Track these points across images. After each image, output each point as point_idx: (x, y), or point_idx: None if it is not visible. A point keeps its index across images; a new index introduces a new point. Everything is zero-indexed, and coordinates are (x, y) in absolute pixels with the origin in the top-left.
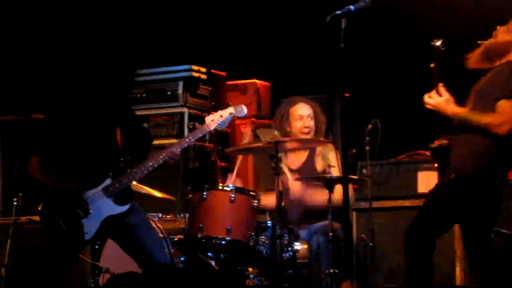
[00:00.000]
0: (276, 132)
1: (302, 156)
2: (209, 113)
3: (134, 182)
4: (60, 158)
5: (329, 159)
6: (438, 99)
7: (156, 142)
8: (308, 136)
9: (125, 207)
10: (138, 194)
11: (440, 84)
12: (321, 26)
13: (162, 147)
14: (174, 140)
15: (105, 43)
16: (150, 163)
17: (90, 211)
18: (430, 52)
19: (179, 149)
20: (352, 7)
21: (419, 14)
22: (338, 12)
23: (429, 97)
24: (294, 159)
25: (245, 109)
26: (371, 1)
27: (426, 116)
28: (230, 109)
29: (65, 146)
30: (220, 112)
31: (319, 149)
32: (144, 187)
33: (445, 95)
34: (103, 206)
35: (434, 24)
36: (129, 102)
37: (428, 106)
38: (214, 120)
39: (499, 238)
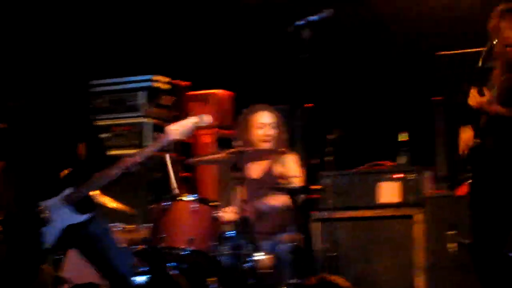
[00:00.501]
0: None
1: (263, 165)
2: (171, 123)
3: (95, 192)
4: (20, 167)
5: (290, 168)
6: (481, 99)
7: (117, 152)
8: (269, 145)
9: (85, 216)
10: (100, 205)
11: (483, 87)
12: (285, 36)
13: (123, 157)
14: (135, 150)
15: (62, 52)
16: (111, 173)
17: (50, 220)
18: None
19: (140, 159)
20: (315, 17)
21: (382, 24)
22: (301, 22)
23: (473, 97)
24: (255, 169)
25: (208, 119)
26: (334, 12)
27: (386, 128)
28: (193, 119)
29: (25, 155)
30: (182, 122)
31: (281, 159)
32: (106, 197)
33: (487, 95)
34: (63, 215)
35: (397, 35)
36: (88, 111)
37: (473, 105)
38: (176, 129)
39: (463, 249)
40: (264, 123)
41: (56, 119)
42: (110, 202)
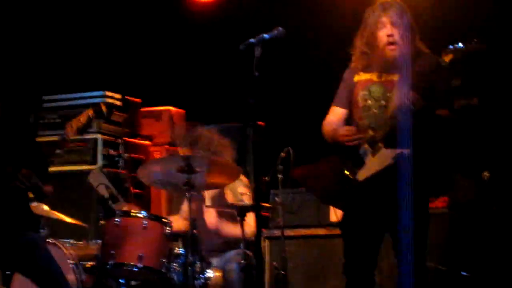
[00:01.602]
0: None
1: (213, 191)
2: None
3: (45, 208)
4: None
5: (238, 192)
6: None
7: (69, 168)
8: None
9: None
10: (49, 220)
11: None
12: (236, 54)
13: (76, 173)
14: (87, 167)
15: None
16: None
17: None
18: None
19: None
20: (266, 36)
21: (333, 42)
22: (252, 40)
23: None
24: (205, 194)
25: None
26: (285, 31)
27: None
28: (89, 112)
29: None
30: (79, 117)
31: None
32: (56, 212)
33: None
34: None
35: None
36: (28, 127)
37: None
38: (73, 126)
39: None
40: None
41: None
42: (61, 217)
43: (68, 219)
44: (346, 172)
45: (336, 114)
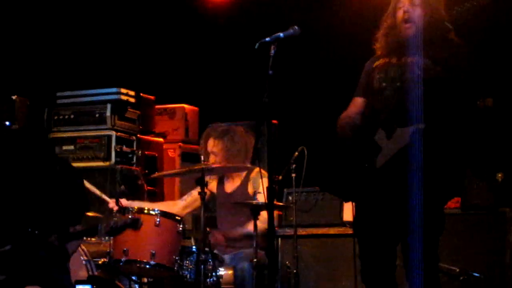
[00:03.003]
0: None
1: (236, 181)
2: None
3: None
4: None
5: (258, 185)
6: None
7: (83, 164)
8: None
9: None
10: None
11: None
12: (251, 52)
13: (89, 169)
14: (101, 163)
15: None
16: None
17: None
18: None
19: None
20: (281, 34)
21: (348, 42)
22: (267, 39)
23: None
24: (229, 184)
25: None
26: (300, 29)
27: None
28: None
29: None
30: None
31: (252, 175)
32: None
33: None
34: None
35: (363, 54)
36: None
37: None
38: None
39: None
40: (209, 151)
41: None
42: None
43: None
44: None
45: (354, 104)
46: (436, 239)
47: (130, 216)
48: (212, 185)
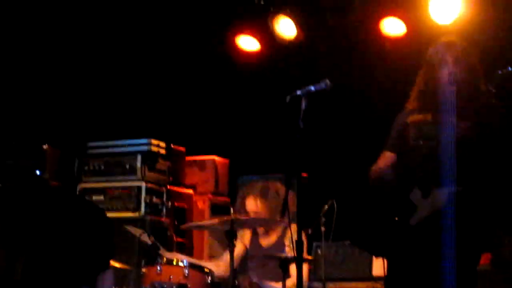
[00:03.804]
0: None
1: (273, 237)
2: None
3: None
4: None
5: (285, 243)
6: None
7: (112, 214)
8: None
9: None
10: None
11: None
12: (281, 105)
13: (119, 220)
14: (131, 214)
15: None
16: None
17: None
18: None
19: None
20: (312, 88)
21: (377, 97)
22: (298, 92)
23: None
24: (265, 240)
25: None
26: (332, 83)
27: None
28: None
29: None
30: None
31: (288, 231)
32: None
33: None
34: None
35: (395, 106)
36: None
37: None
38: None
39: None
40: (247, 210)
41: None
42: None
43: (113, 263)
44: (396, 218)
45: (384, 159)
46: None
47: None
48: (246, 238)
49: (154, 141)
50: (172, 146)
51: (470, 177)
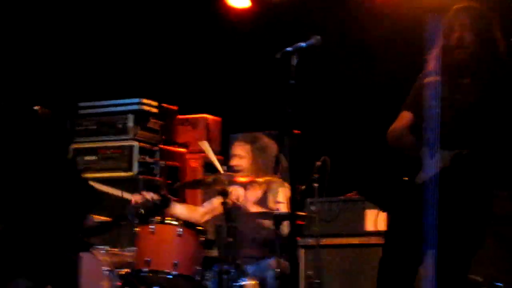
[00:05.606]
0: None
1: (258, 193)
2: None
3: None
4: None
5: (277, 195)
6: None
7: (105, 174)
8: (239, 174)
9: None
10: None
11: None
12: (272, 62)
13: (111, 180)
14: (123, 173)
15: None
16: None
17: None
18: None
19: None
20: (303, 44)
21: (370, 51)
22: (289, 48)
23: None
24: (251, 195)
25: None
26: (322, 38)
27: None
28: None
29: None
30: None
31: (272, 186)
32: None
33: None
34: None
35: (387, 62)
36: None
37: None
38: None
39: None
40: (234, 154)
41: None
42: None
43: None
44: (405, 178)
45: (402, 119)
46: (469, 254)
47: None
48: (237, 194)
49: (145, 101)
50: (163, 105)
51: (478, 140)
